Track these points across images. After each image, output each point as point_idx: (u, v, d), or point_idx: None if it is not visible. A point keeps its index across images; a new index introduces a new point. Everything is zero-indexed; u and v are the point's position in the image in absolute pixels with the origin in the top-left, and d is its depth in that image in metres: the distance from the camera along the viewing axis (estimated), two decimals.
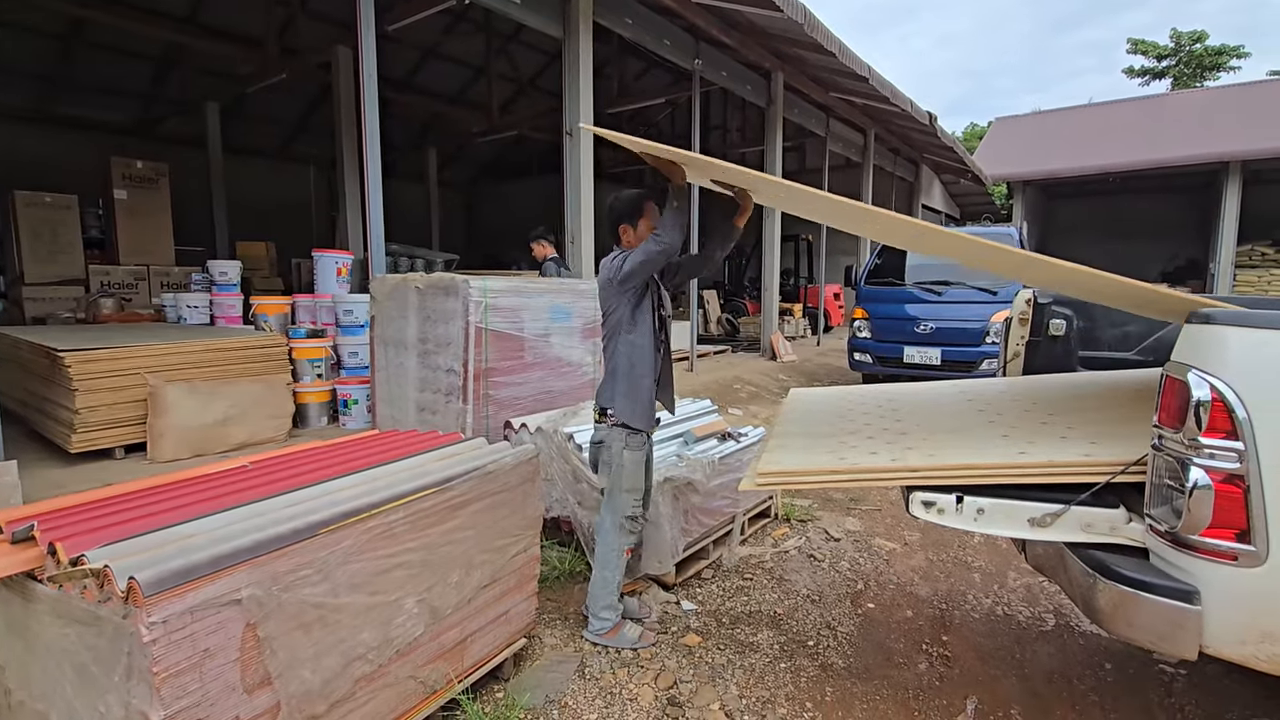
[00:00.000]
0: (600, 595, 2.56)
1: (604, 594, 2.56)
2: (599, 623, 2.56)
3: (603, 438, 2.55)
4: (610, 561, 2.56)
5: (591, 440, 2.65)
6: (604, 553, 2.57)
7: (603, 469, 2.57)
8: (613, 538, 2.56)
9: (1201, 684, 2.39)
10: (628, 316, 2.45)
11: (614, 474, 2.52)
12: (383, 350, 4.26)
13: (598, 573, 2.58)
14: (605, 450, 2.53)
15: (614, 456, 2.50)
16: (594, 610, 2.57)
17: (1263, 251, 14.18)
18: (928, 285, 7.27)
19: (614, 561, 2.56)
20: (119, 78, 10.32)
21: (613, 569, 2.56)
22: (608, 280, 2.46)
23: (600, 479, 2.61)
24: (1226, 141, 13.72)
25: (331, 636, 1.66)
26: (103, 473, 3.96)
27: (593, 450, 2.64)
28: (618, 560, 2.57)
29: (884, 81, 8.93)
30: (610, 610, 2.57)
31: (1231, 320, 1.38)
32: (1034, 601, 3.01)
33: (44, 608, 1.56)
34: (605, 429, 2.53)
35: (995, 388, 2.53)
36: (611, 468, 2.52)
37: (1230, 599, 1.37)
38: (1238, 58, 24.62)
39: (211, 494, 1.92)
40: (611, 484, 2.54)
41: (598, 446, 2.59)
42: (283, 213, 12.69)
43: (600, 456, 2.57)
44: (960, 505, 1.69)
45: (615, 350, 2.50)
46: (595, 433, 2.61)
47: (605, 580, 2.56)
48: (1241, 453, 1.33)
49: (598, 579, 2.58)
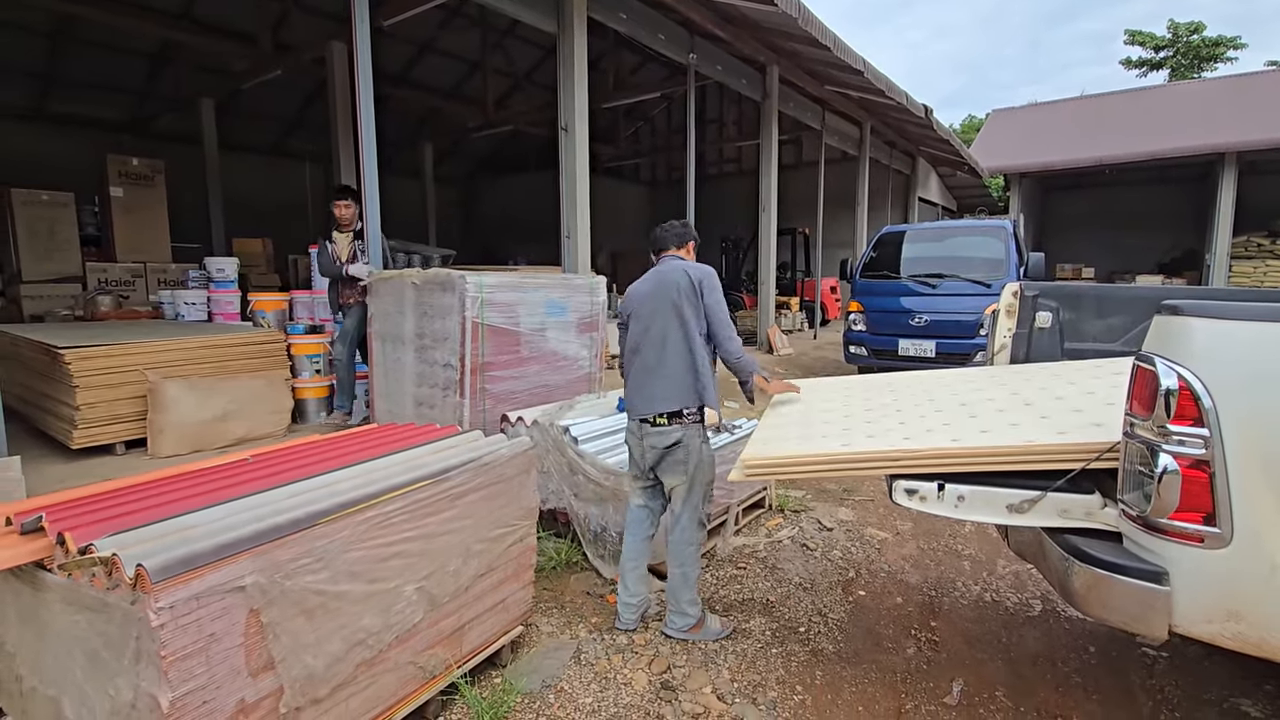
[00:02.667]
0: (683, 591, 2.57)
1: (686, 589, 2.56)
2: (683, 619, 2.57)
3: (679, 438, 2.48)
4: (690, 557, 2.57)
5: (659, 446, 2.51)
6: (683, 550, 2.56)
7: (675, 469, 2.52)
8: (692, 533, 2.57)
9: (1182, 665, 2.45)
10: (698, 322, 2.51)
11: (695, 471, 2.52)
12: (380, 346, 4.30)
13: (678, 570, 2.56)
14: (681, 450, 2.49)
15: (692, 454, 2.50)
16: (678, 607, 2.57)
17: (1259, 242, 14.23)
18: (922, 278, 7.32)
19: (694, 557, 2.58)
20: (113, 74, 10.31)
21: (693, 565, 2.58)
22: (693, 289, 2.51)
23: (673, 478, 2.55)
24: (1222, 132, 13.75)
25: (333, 622, 1.72)
26: (104, 468, 4.00)
27: (658, 452, 2.52)
28: (696, 555, 2.60)
29: (879, 75, 8.95)
30: (694, 605, 2.58)
31: (1198, 312, 1.43)
32: (1022, 588, 3.07)
33: (54, 596, 1.61)
34: (682, 429, 2.49)
35: (980, 377, 2.58)
36: (689, 466, 2.51)
37: (1197, 580, 1.42)
38: (1235, 49, 24.61)
39: (213, 487, 1.97)
40: (693, 481, 2.53)
41: (671, 449, 2.50)
42: (279, 209, 12.70)
43: (673, 457, 2.51)
44: (941, 493, 1.75)
45: (693, 350, 2.49)
46: (665, 436, 2.49)
47: (686, 577, 2.56)
48: (1207, 439, 1.38)
49: (679, 576, 2.56)
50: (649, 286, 2.61)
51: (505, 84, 12.55)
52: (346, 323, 4.99)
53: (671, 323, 2.50)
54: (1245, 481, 1.37)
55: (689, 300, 2.50)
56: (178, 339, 4.56)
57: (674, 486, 2.56)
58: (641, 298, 2.62)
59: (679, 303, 2.49)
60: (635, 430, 2.59)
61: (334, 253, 4.98)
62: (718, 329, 2.53)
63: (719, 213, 17.21)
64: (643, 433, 2.54)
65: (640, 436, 2.56)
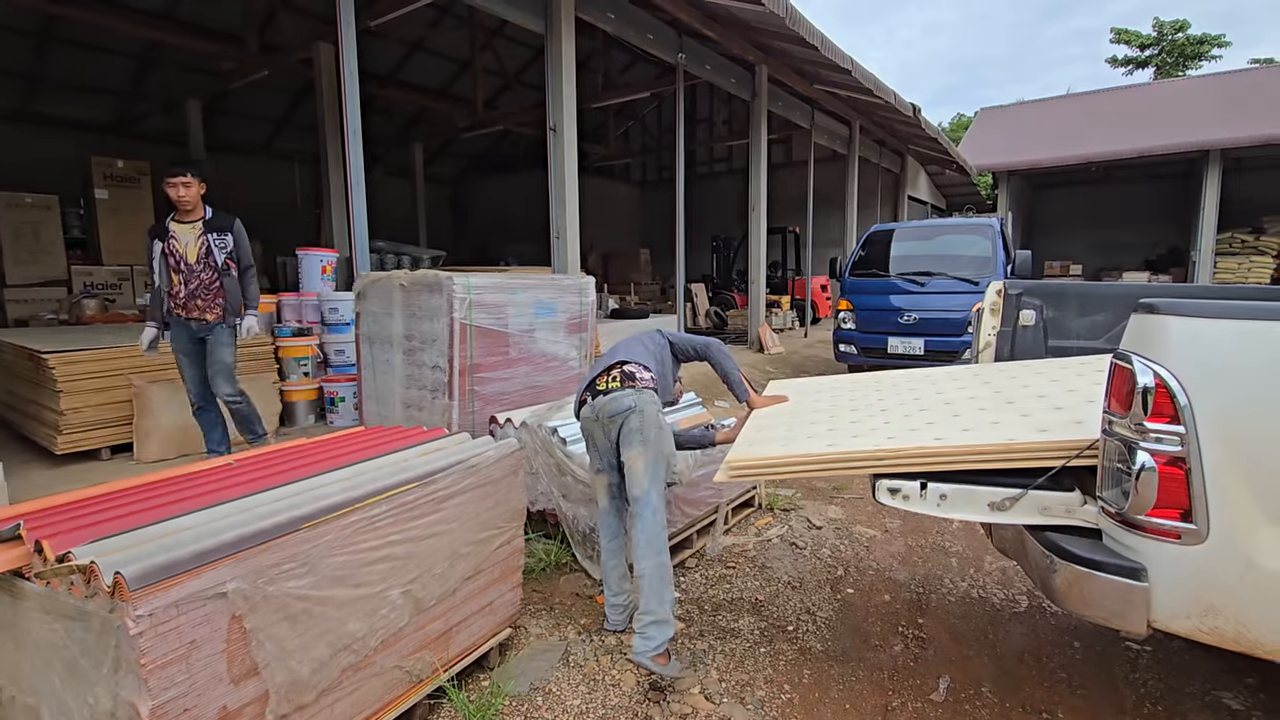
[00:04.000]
0: (664, 588, 2.23)
1: (665, 585, 2.24)
2: (660, 631, 2.18)
3: (632, 402, 2.31)
4: (663, 543, 2.27)
5: (614, 412, 2.33)
6: (658, 535, 2.27)
7: (631, 438, 2.30)
8: (663, 513, 2.31)
9: (1165, 659, 2.47)
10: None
11: (654, 439, 2.30)
12: (369, 348, 4.29)
13: (655, 560, 2.24)
14: (638, 416, 2.29)
15: (649, 420, 2.30)
16: (658, 611, 2.20)
17: (1242, 239, 14.37)
18: (910, 276, 7.35)
19: (665, 542, 2.29)
20: (98, 75, 10.21)
21: (667, 553, 2.28)
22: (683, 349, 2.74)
23: (631, 449, 2.32)
24: (1207, 130, 13.89)
25: (317, 628, 1.71)
26: (89, 474, 3.97)
27: (616, 422, 2.33)
28: (665, 540, 2.31)
29: (867, 74, 8.98)
30: (673, 606, 2.27)
31: (1173, 310, 1.44)
32: (1008, 584, 3.09)
33: (32, 605, 1.59)
34: (635, 393, 2.33)
35: (965, 375, 2.59)
36: (645, 434, 2.29)
37: (1175, 575, 1.44)
38: (1219, 46, 24.86)
39: (195, 492, 1.96)
40: (652, 450, 2.30)
41: (625, 415, 2.31)
42: (266, 210, 12.60)
43: (629, 425, 2.31)
44: (924, 491, 1.76)
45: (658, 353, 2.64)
46: (619, 400, 2.32)
47: (664, 567, 2.25)
48: (1183, 436, 1.40)
49: (656, 569, 2.23)
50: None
51: (495, 84, 12.52)
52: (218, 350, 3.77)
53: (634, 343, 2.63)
54: (1220, 478, 1.38)
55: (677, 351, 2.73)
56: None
57: (633, 460, 2.30)
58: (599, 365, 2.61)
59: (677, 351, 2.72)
60: (590, 411, 2.42)
61: (175, 253, 3.73)
62: (701, 350, 2.68)
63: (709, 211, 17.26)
64: (595, 405, 2.38)
65: (594, 411, 2.39)
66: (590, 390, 2.48)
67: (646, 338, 2.70)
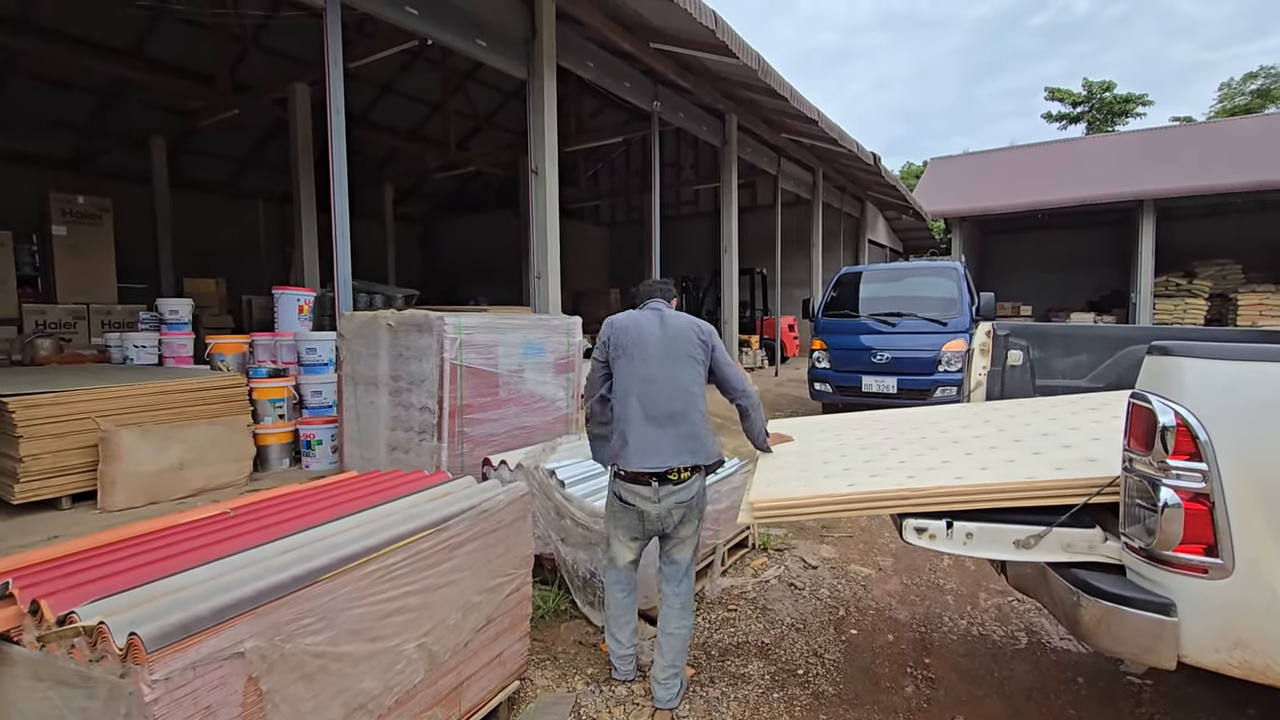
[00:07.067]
0: (684, 648, 2.42)
1: (686, 644, 2.43)
2: (678, 683, 2.41)
3: (700, 488, 2.41)
4: (691, 607, 2.46)
5: (684, 499, 2.36)
6: (690, 596, 2.45)
7: (692, 516, 2.42)
8: (693, 581, 2.49)
9: (1168, 692, 2.52)
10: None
11: (701, 519, 2.47)
12: (352, 389, 4.17)
13: (686, 624, 2.41)
14: (698, 500, 2.41)
15: (700, 501, 2.43)
16: (677, 665, 2.40)
17: (1177, 282, 15.29)
18: (882, 317, 7.57)
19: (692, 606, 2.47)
20: (58, 109, 9.94)
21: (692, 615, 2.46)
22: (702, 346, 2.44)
23: (687, 528, 2.42)
24: (1139, 181, 14.88)
25: (334, 686, 1.62)
26: (49, 524, 3.72)
27: (683, 508, 2.37)
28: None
29: (832, 124, 9.39)
30: (684, 668, 2.47)
31: (1186, 352, 1.52)
32: (1006, 620, 3.12)
33: (20, 670, 1.47)
34: (700, 480, 2.41)
35: (965, 414, 2.66)
36: (702, 510, 2.45)
37: (1203, 610, 1.48)
38: (1143, 105, 26.87)
39: (195, 544, 1.85)
40: (699, 529, 2.47)
41: (691, 501, 2.38)
42: (231, 249, 12.34)
43: (693, 508, 2.41)
44: (950, 530, 1.78)
45: (704, 404, 2.43)
46: (689, 489, 2.35)
47: (689, 629, 2.44)
48: (1205, 472, 1.46)
49: (685, 631, 2.41)
50: (654, 329, 2.42)
51: (467, 126, 12.64)
52: None
53: (692, 374, 2.39)
54: (1242, 512, 1.44)
55: (702, 355, 2.43)
56: (132, 384, 4.32)
57: (688, 535, 2.43)
58: (645, 339, 2.40)
59: (696, 356, 2.41)
60: (646, 490, 2.32)
61: None
62: (735, 382, 2.50)
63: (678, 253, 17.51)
64: (661, 492, 2.31)
65: (658, 496, 2.31)
66: (659, 478, 2.31)
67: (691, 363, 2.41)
